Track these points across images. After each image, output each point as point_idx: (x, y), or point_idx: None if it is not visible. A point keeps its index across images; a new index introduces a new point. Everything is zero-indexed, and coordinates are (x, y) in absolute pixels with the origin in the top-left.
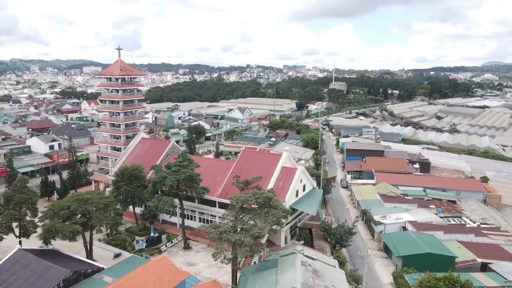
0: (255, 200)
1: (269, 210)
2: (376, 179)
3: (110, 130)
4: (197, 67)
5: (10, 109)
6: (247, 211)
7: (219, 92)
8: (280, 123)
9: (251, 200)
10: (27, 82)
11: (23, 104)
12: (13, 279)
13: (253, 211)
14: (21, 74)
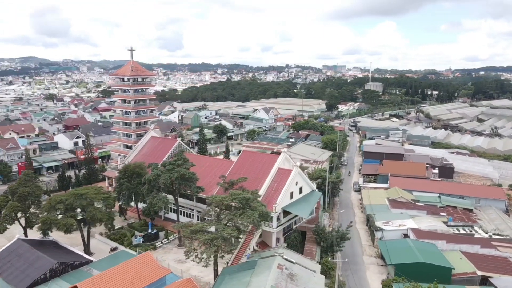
0: (231, 200)
1: (245, 211)
2: (390, 184)
3: (122, 128)
4: (236, 67)
5: (53, 107)
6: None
7: (251, 92)
8: (303, 124)
9: (226, 200)
10: (75, 81)
11: (66, 102)
12: (7, 266)
13: (229, 212)
14: (70, 74)
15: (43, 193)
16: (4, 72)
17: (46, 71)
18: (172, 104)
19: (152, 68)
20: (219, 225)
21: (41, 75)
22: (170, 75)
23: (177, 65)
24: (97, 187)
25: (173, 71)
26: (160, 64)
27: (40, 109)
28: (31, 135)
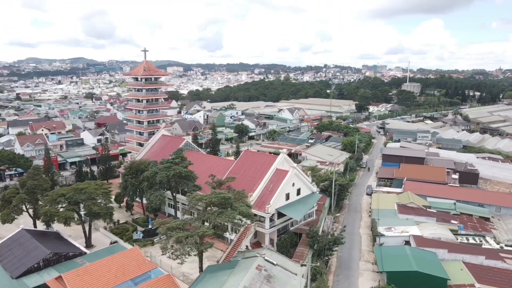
0: (210, 200)
1: (224, 210)
2: (404, 188)
3: (135, 127)
4: (273, 67)
5: (91, 106)
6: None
7: (283, 92)
8: (327, 125)
9: (206, 199)
10: (117, 81)
11: (103, 101)
12: (8, 254)
13: (208, 211)
14: (114, 74)
15: (61, 187)
16: (55, 72)
17: (92, 71)
18: (201, 104)
19: (190, 68)
20: (196, 223)
21: (87, 75)
22: (207, 75)
23: (215, 65)
24: (99, 182)
25: (211, 71)
26: (199, 64)
27: (79, 107)
28: (61, 131)
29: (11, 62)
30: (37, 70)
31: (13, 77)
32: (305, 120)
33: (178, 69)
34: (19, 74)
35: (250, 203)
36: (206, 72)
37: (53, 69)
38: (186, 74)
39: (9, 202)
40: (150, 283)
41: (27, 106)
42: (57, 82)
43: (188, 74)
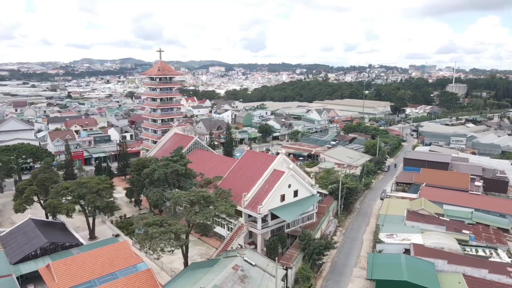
0: (189, 198)
1: (203, 208)
2: (420, 194)
3: (149, 125)
4: (315, 67)
5: (130, 104)
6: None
7: (320, 93)
8: (355, 126)
9: (185, 197)
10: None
11: (142, 100)
12: (12, 241)
13: (186, 209)
14: None
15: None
16: (105, 72)
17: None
18: (233, 103)
19: (232, 68)
20: (172, 220)
21: (134, 75)
22: (248, 75)
23: (257, 65)
24: (102, 177)
25: (253, 71)
26: (241, 64)
27: (119, 105)
28: (93, 128)
29: (67, 63)
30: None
31: (67, 77)
32: (335, 121)
33: (220, 69)
34: (73, 74)
35: (234, 203)
36: (248, 72)
37: (104, 69)
38: (227, 74)
39: (22, 193)
40: (130, 276)
41: (73, 104)
42: (106, 81)
43: (229, 74)
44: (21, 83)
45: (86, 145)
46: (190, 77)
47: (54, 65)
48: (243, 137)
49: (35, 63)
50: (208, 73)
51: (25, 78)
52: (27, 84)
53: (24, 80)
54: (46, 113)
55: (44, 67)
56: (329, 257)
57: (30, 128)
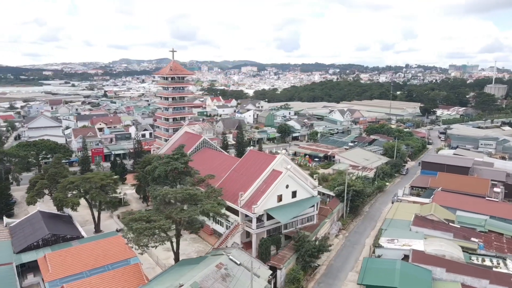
0: (175, 195)
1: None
2: (433, 198)
3: (162, 123)
4: (349, 67)
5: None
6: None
7: (349, 93)
8: (377, 128)
9: (171, 194)
10: (193, 80)
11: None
12: (19, 232)
13: (172, 206)
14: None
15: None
16: (141, 72)
17: None
18: (258, 103)
19: (265, 68)
20: (156, 217)
21: None
22: (280, 75)
23: (290, 65)
24: (107, 173)
25: (285, 71)
26: (274, 64)
27: (148, 104)
28: (117, 126)
29: (106, 63)
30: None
31: (106, 77)
32: (360, 122)
33: (252, 68)
34: (111, 74)
35: (223, 201)
36: (280, 72)
37: (140, 69)
38: (259, 74)
39: (34, 186)
40: (119, 270)
41: (104, 102)
42: (141, 81)
43: (261, 74)
44: (63, 83)
45: (108, 142)
46: (222, 77)
47: (95, 65)
48: (261, 136)
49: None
50: (240, 73)
51: (67, 77)
52: (68, 84)
53: (66, 79)
54: (77, 111)
55: (85, 67)
56: (326, 260)
57: (58, 125)
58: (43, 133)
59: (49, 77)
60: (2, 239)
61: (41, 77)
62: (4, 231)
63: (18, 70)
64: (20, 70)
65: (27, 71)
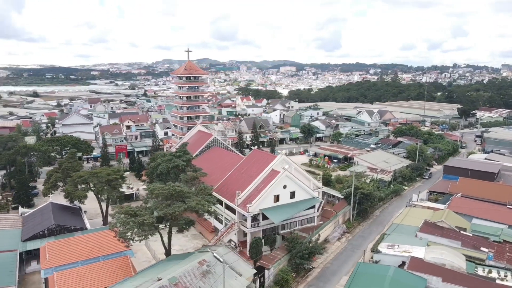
0: (162, 191)
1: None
2: (450, 205)
3: (176, 121)
4: (392, 66)
5: None
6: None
7: (385, 94)
8: (406, 130)
9: (158, 190)
10: (231, 80)
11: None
12: (30, 221)
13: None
14: (229, 73)
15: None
16: None
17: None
18: (288, 103)
19: (303, 68)
20: (141, 212)
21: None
22: (319, 75)
23: (330, 65)
24: (115, 168)
25: (325, 71)
26: (313, 64)
27: None
28: (144, 124)
29: (150, 63)
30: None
31: (148, 76)
32: (390, 124)
33: (291, 68)
34: (153, 74)
35: (213, 199)
36: (319, 72)
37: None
38: (297, 74)
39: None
40: (108, 261)
41: (139, 101)
42: None
43: (299, 74)
44: (108, 82)
45: (133, 139)
46: (260, 77)
47: (139, 66)
48: (284, 136)
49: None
50: (278, 73)
51: (112, 77)
52: (112, 83)
53: (111, 79)
54: (112, 109)
55: (130, 67)
56: (322, 262)
57: (89, 122)
58: (75, 129)
59: (96, 77)
60: (15, 227)
61: (89, 76)
62: (18, 220)
63: (69, 70)
64: (71, 70)
65: (77, 71)
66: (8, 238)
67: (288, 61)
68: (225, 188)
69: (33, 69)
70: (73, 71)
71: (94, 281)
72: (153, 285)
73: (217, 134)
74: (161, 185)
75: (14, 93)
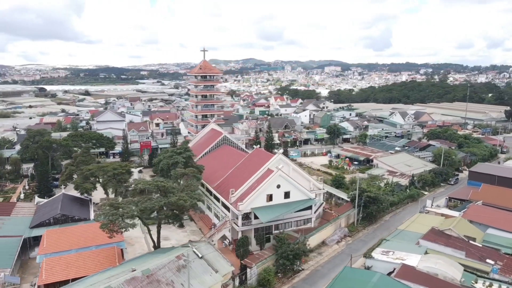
0: (145, 185)
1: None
2: (466, 212)
3: (191, 120)
4: (445, 66)
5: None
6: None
7: (429, 95)
8: (440, 133)
9: (142, 184)
10: (274, 79)
11: (239, 98)
12: (42, 209)
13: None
14: (272, 73)
15: (139, 166)
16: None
17: (257, 70)
18: (323, 103)
19: (349, 68)
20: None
21: (250, 74)
22: (365, 75)
23: (377, 65)
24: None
25: (372, 71)
26: (359, 64)
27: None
28: (173, 122)
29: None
30: None
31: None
32: (427, 126)
33: (336, 68)
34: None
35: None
36: (365, 72)
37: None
38: (342, 74)
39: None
40: (96, 250)
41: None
42: (224, 80)
43: (344, 74)
44: (155, 82)
45: (160, 137)
46: (303, 77)
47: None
48: (309, 137)
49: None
50: (322, 73)
51: (160, 77)
52: (159, 83)
53: (158, 79)
54: (149, 107)
55: (178, 67)
56: (313, 264)
57: (121, 119)
58: (108, 126)
59: (144, 76)
60: (27, 215)
61: (138, 76)
62: (32, 209)
63: (121, 70)
64: (123, 70)
65: (128, 71)
66: (18, 224)
67: (334, 61)
68: (224, 185)
69: (89, 70)
70: (125, 71)
71: (79, 269)
72: (126, 275)
73: (240, 133)
74: (146, 180)
75: (68, 92)
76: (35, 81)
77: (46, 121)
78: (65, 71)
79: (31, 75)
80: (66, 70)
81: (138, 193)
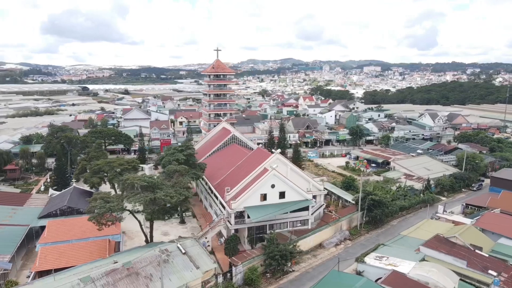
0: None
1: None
2: (479, 220)
3: (204, 118)
4: (495, 66)
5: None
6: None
7: (470, 96)
8: (471, 136)
9: (130, 180)
10: (310, 79)
11: (270, 97)
12: (53, 201)
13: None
14: (309, 73)
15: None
16: (263, 72)
17: (295, 70)
18: (353, 104)
19: (389, 68)
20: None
21: (286, 74)
22: (406, 75)
23: (421, 64)
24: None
25: (414, 71)
26: (401, 64)
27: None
28: (196, 120)
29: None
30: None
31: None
32: (461, 129)
33: (376, 68)
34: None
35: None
36: (407, 72)
37: (265, 69)
38: (382, 74)
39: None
40: (90, 242)
41: None
42: (260, 80)
43: (384, 74)
44: (193, 81)
45: (181, 135)
46: (340, 77)
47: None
48: (330, 138)
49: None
50: (361, 73)
51: (198, 77)
52: (196, 82)
53: (196, 78)
54: (179, 106)
55: None
56: (304, 266)
57: (147, 117)
58: (135, 123)
59: (183, 76)
60: (39, 206)
61: (177, 76)
62: (45, 200)
63: (162, 70)
64: (163, 70)
65: (168, 71)
66: (28, 214)
67: (375, 60)
68: (223, 183)
69: (132, 70)
70: (165, 71)
71: (71, 258)
72: (106, 267)
73: (261, 132)
74: (135, 175)
75: (109, 91)
76: (82, 80)
77: (80, 118)
78: (109, 71)
79: (79, 75)
80: (110, 70)
81: (128, 188)
